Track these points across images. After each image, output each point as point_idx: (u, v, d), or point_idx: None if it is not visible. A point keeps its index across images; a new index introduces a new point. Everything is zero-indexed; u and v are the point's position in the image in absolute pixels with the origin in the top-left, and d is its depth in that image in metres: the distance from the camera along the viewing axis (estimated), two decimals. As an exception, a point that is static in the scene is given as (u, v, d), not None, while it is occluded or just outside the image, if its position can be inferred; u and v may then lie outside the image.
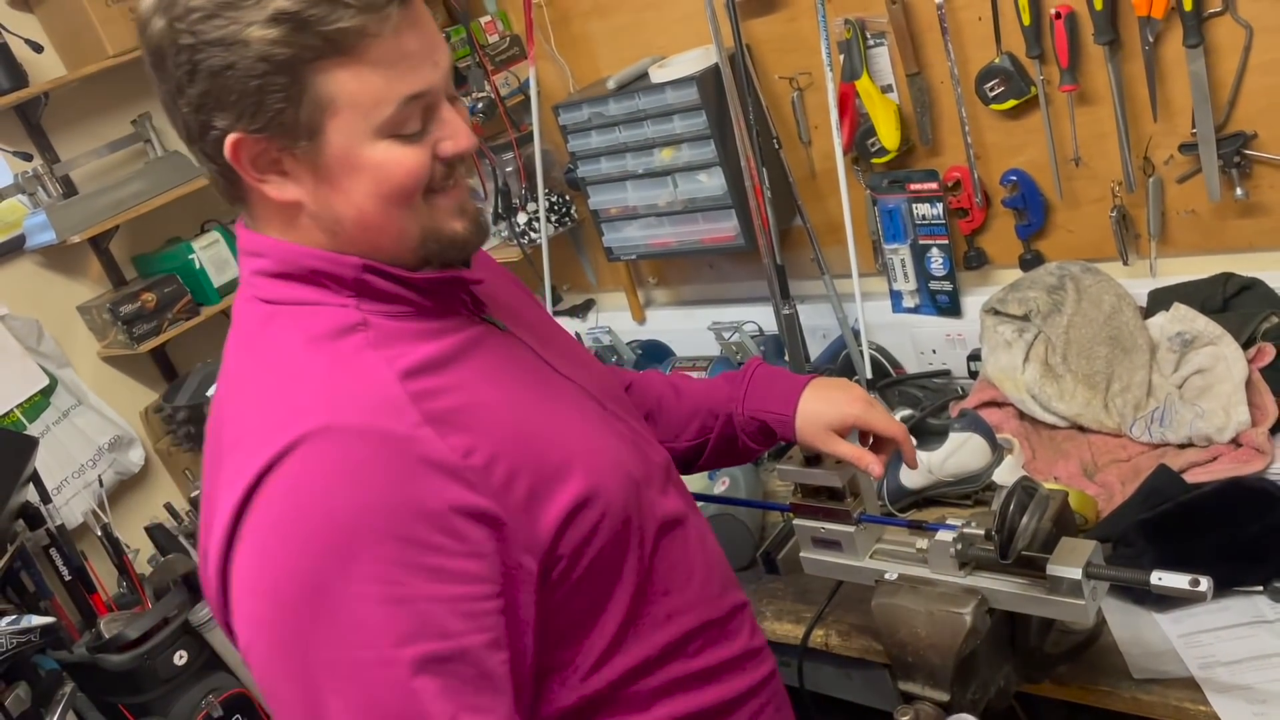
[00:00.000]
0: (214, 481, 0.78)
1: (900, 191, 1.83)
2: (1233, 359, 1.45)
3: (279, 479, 0.73)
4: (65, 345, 2.44)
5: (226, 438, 0.79)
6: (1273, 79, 1.44)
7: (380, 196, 0.81)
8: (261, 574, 0.73)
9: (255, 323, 0.84)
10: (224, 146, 0.77)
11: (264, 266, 0.84)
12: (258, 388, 0.79)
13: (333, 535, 0.72)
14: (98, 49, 2.32)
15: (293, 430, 0.73)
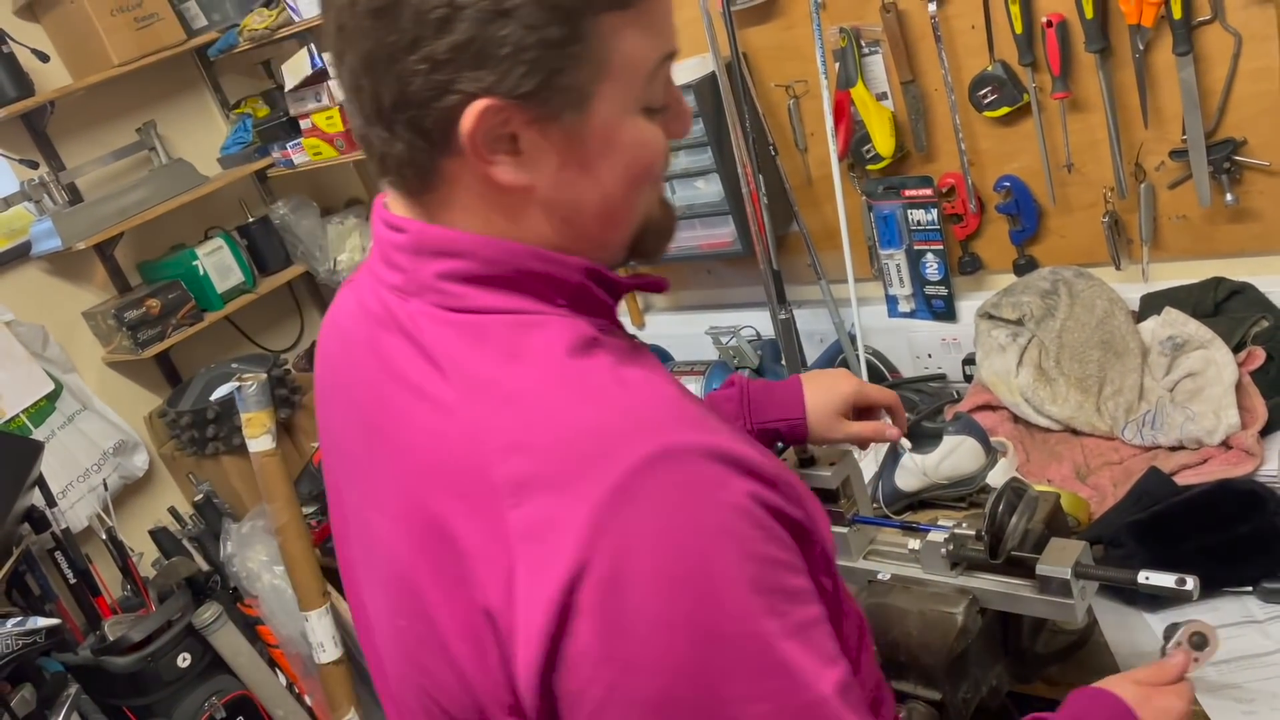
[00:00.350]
0: (512, 519, 0.61)
1: (895, 197, 1.84)
2: (1223, 363, 1.46)
3: (642, 499, 0.59)
4: (70, 351, 2.47)
5: (517, 467, 0.61)
6: (1261, 86, 1.46)
7: (630, 181, 0.70)
8: (658, 593, 0.59)
9: (466, 338, 0.67)
10: (463, 115, 0.63)
11: (462, 269, 0.68)
12: (548, 410, 0.63)
13: (716, 554, 0.60)
14: (103, 58, 2.35)
15: (630, 452, 0.60)
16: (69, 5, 2.33)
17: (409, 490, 0.67)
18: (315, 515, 2.36)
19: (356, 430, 0.75)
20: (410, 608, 0.68)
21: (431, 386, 0.66)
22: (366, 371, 0.73)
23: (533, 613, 0.59)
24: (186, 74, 2.72)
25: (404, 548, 0.67)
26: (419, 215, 0.71)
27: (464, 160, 0.65)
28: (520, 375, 0.65)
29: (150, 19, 2.42)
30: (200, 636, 2.20)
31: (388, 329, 0.71)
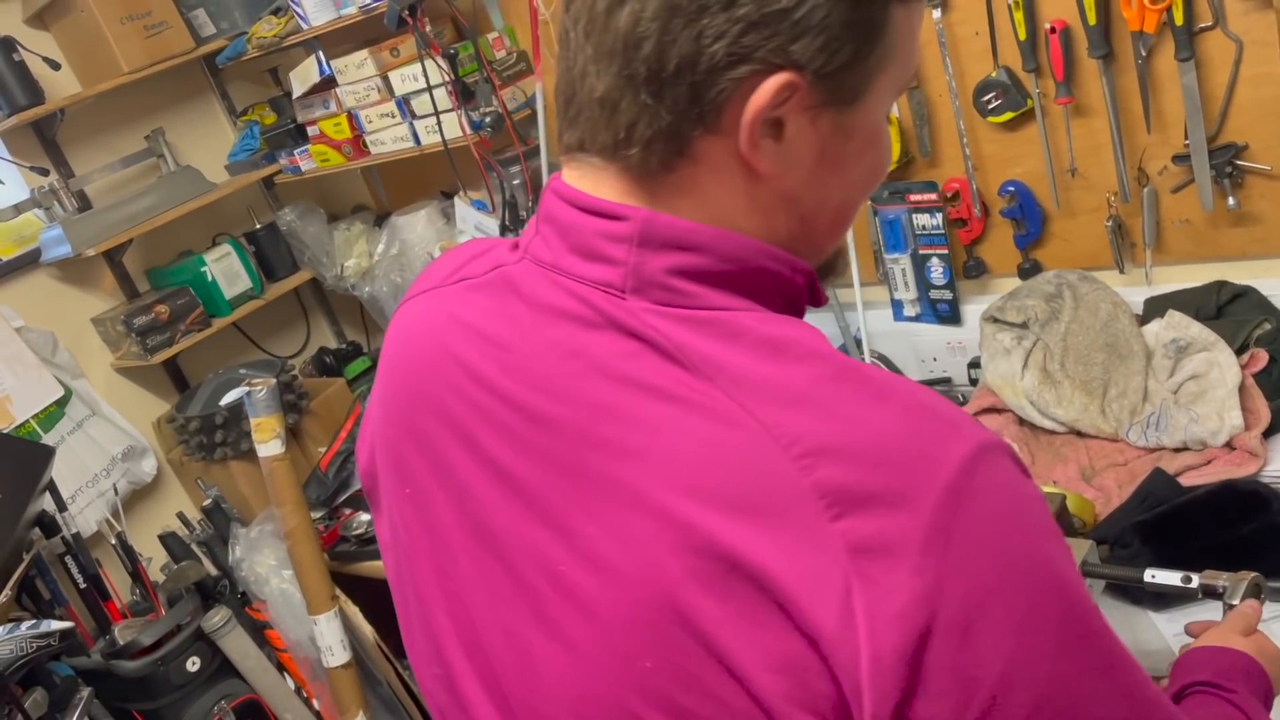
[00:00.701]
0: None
1: (900, 202, 1.86)
2: (1226, 365, 1.48)
3: (976, 502, 0.54)
4: (79, 357, 2.48)
5: (830, 475, 0.54)
6: (1263, 91, 1.47)
7: (867, 187, 0.66)
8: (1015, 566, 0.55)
9: (716, 337, 0.60)
10: (756, 88, 0.58)
11: (696, 264, 0.61)
12: (847, 411, 0.56)
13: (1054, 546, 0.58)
14: (113, 66, 2.37)
15: (949, 453, 0.55)
16: (79, 14, 2.34)
17: (673, 510, 0.57)
18: (324, 520, 2.37)
19: (538, 453, 0.64)
20: (669, 642, 0.58)
21: (687, 391, 0.58)
22: (564, 381, 0.63)
23: (883, 636, 0.53)
24: (195, 82, 2.74)
25: (662, 570, 0.57)
26: (640, 200, 0.63)
27: (724, 141, 0.60)
28: (798, 374, 0.58)
29: (159, 27, 2.44)
30: (209, 640, 2.21)
31: (600, 330, 0.62)
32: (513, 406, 0.65)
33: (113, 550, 2.32)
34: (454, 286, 0.73)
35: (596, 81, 0.61)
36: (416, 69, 2.22)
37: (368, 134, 2.42)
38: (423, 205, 2.54)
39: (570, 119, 0.64)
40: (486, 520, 0.67)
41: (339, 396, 2.61)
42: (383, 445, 0.76)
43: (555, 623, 0.63)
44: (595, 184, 0.64)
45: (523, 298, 0.66)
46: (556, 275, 0.64)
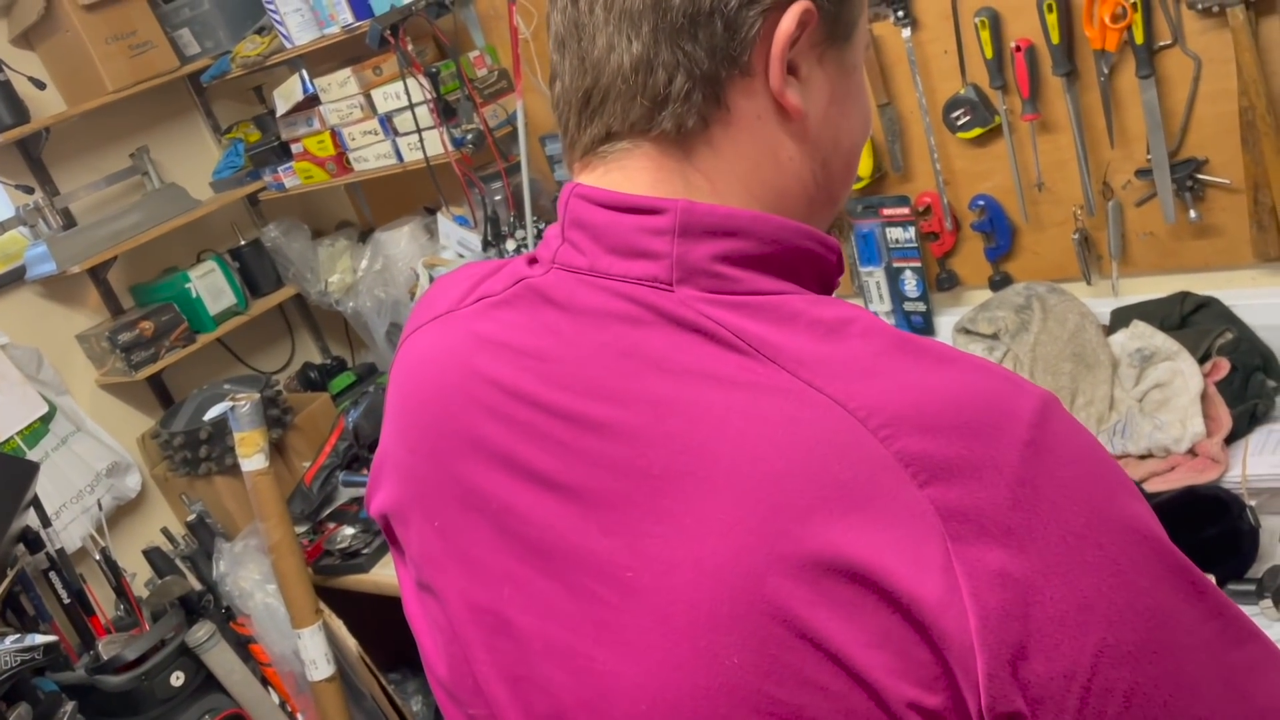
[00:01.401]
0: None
1: (874, 216, 1.90)
2: (1189, 373, 1.51)
3: (1052, 452, 0.55)
4: (64, 373, 2.49)
5: (911, 444, 0.54)
6: (1221, 107, 1.52)
7: (865, 128, 0.69)
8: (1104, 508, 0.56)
9: (770, 320, 0.60)
10: (780, 19, 0.61)
11: (740, 249, 0.62)
12: (915, 379, 0.57)
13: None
14: (98, 85, 2.40)
15: (1019, 410, 0.56)
16: (65, 34, 2.37)
17: (755, 497, 0.56)
18: (308, 534, 2.39)
19: (593, 459, 0.62)
20: (758, 634, 0.56)
21: (751, 375, 0.58)
22: (616, 381, 0.61)
23: (987, 594, 0.53)
24: (179, 100, 2.76)
25: (750, 567, 0.56)
26: (669, 182, 0.64)
27: (753, 85, 0.62)
28: (859, 349, 0.58)
29: (144, 47, 2.46)
30: (193, 655, 2.22)
31: (652, 325, 0.61)
32: (560, 416, 0.63)
33: (97, 566, 2.33)
34: (472, 307, 0.71)
35: (626, 51, 0.62)
36: (399, 87, 2.25)
37: (351, 151, 2.45)
38: (406, 221, 2.57)
39: (592, 112, 0.65)
40: (536, 539, 0.64)
41: (323, 411, 2.63)
42: (406, 480, 0.74)
43: (622, 633, 0.60)
44: (626, 177, 0.64)
45: (559, 306, 0.65)
46: (595, 278, 0.63)
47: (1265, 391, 1.51)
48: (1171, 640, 0.55)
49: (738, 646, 0.56)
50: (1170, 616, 0.55)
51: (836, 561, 0.54)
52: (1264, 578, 1.26)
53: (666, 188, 0.63)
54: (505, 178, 2.30)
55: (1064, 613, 0.53)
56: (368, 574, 2.20)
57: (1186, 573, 0.56)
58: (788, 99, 0.62)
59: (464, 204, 2.43)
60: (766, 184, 0.64)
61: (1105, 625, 0.53)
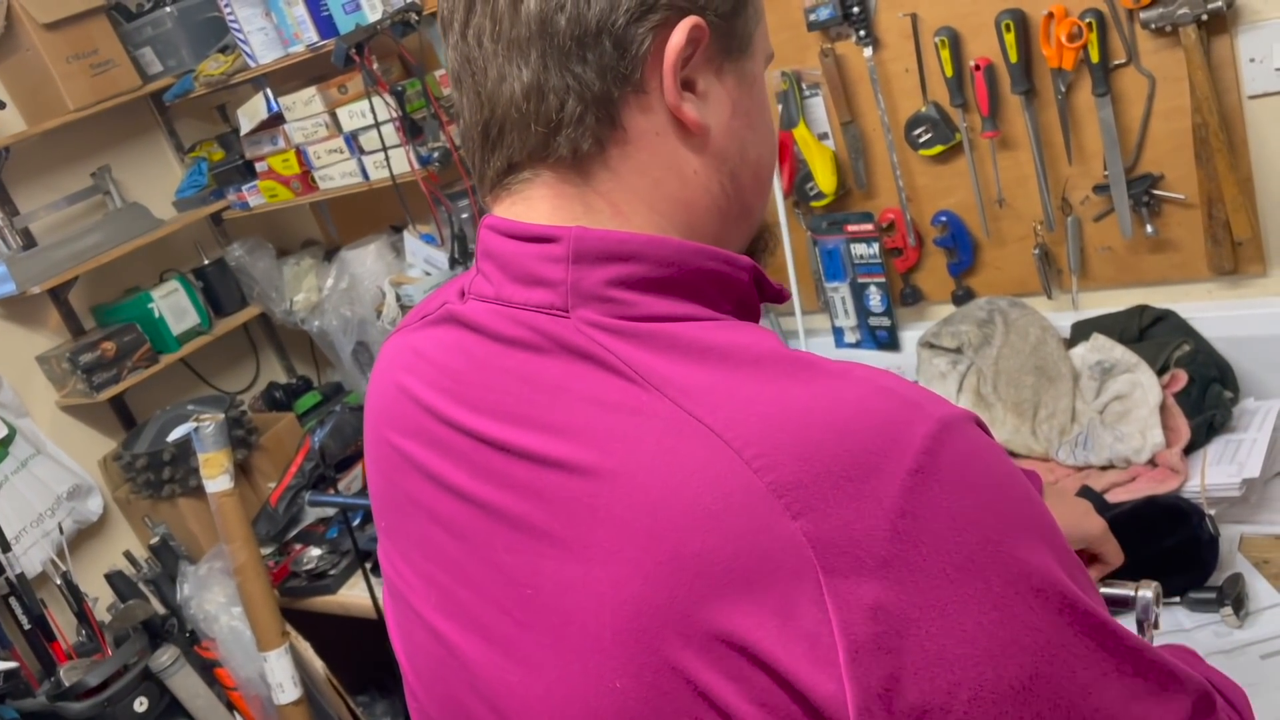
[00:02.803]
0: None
1: (839, 233, 1.92)
2: (1148, 385, 1.54)
3: (941, 477, 0.54)
4: (24, 395, 2.45)
5: (789, 474, 0.53)
6: (1175, 124, 1.55)
7: (772, 143, 0.69)
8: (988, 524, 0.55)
9: (659, 349, 0.60)
10: (670, 34, 0.61)
11: (634, 273, 0.62)
12: (800, 407, 0.55)
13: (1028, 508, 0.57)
14: (59, 104, 2.37)
15: (911, 433, 0.54)
16: (25, 53, 2.35)
17: (634, 528, 0.56)
18: (274, 555, 2.36)
19: (501, 480, 0.64)
20: (645, 661, 0.57)
21: (636, 403, 0.58)
22: (516, 406, 0.63)
23: (858, 627, 0.52)
24: (142, 119, 2.74)
25: (633, 593, 0.56)
26: (570, 208, 0.64)
27: (648, 101, 0.62)
28: (745, 377, 0.57)
29: (106, 65, 2.44)
30: (157, 680, 2.18)
31: (548, 354, 0.62)
32: (470, 435, 0.65)
33: (58, 590, 2.29)
34: (417, 324, 0.75)
35: (517, 79, 0.63)
36: (364, 105, 2.25)
37: (316, 169, 2.44)
38: (372, 239, 2.56)
39: (493, 142, 0.65)
40: (453, 548, 0.67)
41: (289, 431, 2.61)
42: (373, 495, 0.78)
43: (527, 650, 0.63)
44: (529, 207, 0.65)
45: (473, 331, 0.67)
46: (501, 306, 0.65)
47: (1222, 402, 1.54)
48: (1058, 681, 0.55)
49: (620, 673, 0.57)
50: (1059, 657, 0.55)
51: (712, 581, 0.54)
52: (1224, 586, 1.28)
53: (566, 214, 0.64)
54: (471, 196, 2.30)
55: (941, 648, 0.52)
56: (335, 595, 2.18)
57: (1084, 615, 0.56)
58: (685, 114, 0.63)
59: (430, 222, 2.43)
60: (673, 200, 0.65)
61: (984, 663, 0.53)
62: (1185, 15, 1.45)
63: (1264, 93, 1.49)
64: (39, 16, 2.31)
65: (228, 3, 2.30)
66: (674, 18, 0.61)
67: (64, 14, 2.35)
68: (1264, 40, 1.45)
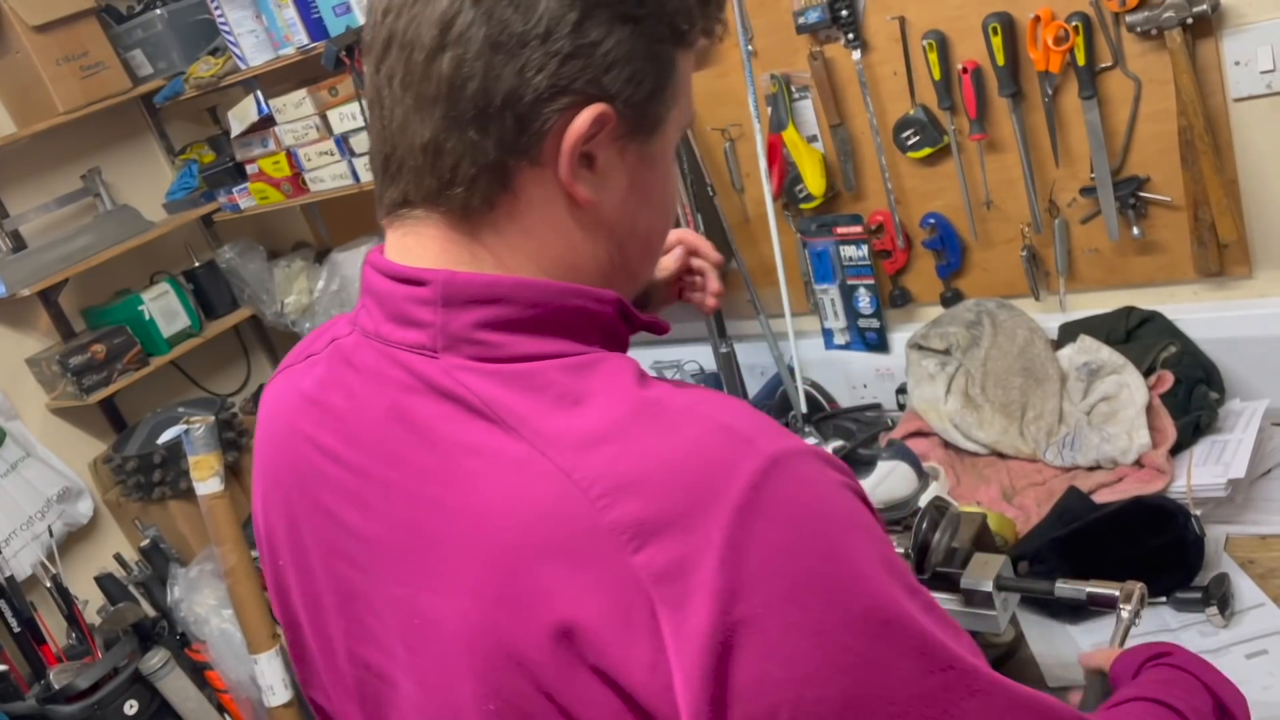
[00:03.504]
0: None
1: (828, 235, 1.92)
2: (1135, 386, 1.55)
3: (768, 512, 0.57)
4: (14, 398, 2.45)
5: (629, 510, 0.57)
6: (1161, 127, 1.56)
7: (667, 217, 0.73)
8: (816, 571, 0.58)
9: (521, 389, 0.63)
10: (573, 118, 0.62)
11: (500, 316, 0.65)
12: (642, 445, 0.60)
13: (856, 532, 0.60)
14: (48, 106, 2.37)
15: (741, 470, 0.58)
16: (15, 55, 2.34)
17: (492, 563, 0.60)
18: (264, 557, 2.36)
19: (375, 508, 0.68)
20: (506, 686, 0.61)
21: (498, 446, 0.61)
22: (393, 444, 0.66)
23: (691, 654, 0.56)
24: (132, 121, 2.74)
25: (495, 621, 0.61)
26: (456, 254, 0.66)
27: (543, 172, 0.64)
28: (596, 416, 0.61)
29: (96, 68, 2.44)
30: (147, 683, 2.19)
31: (418, 394, 0.65)
32: (354, 472, 0.69)
33: (48, 593, 2.29)
34: (303, 363, 0.77)
35: (420, 129, 0.64)
36: (354, 108, 2.25)
37: (307, 171, 2.44)
38: (363, 241, 2.56)
39: (391, 175, 0.67)
40: (349, 581, 0.71)
41: (280, 433, 2.60)
42: (261, 516, 0.81)
43: (420, 675, 0.68)
44: (417, 242, 0.68)
45: (355, 368, 0.70)
46: (379, 344, 0.68)
47: (1208, 403, 1.55)
48: (879, 696, 0.58)
49: (491, 696, 0.62)
50: (881, 674, 0.58)
51: (559, 630, 0.58)
52: (1209, 586, 1.28)
53: (450, 258, 0.66)
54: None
55: (763, 672, 0.56)
56: (326, 597, 2.18)
57: (909, 633, 0.58)
58: (577, 190, 0.65)
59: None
60: (557, 260, 0.67)
61: (804, 684, 0.56)
62: (1171, 19, 1.46)
63: (1249, 95, 1.49)
64: (29, 18, 2.31)
65: (218, 5, 2.30)
66: (582, 102, 0.62)
67: (54, 16, 2.35)
68: (1249, 43, 1.46)
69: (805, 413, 1.98)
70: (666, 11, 0.64)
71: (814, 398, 2.02)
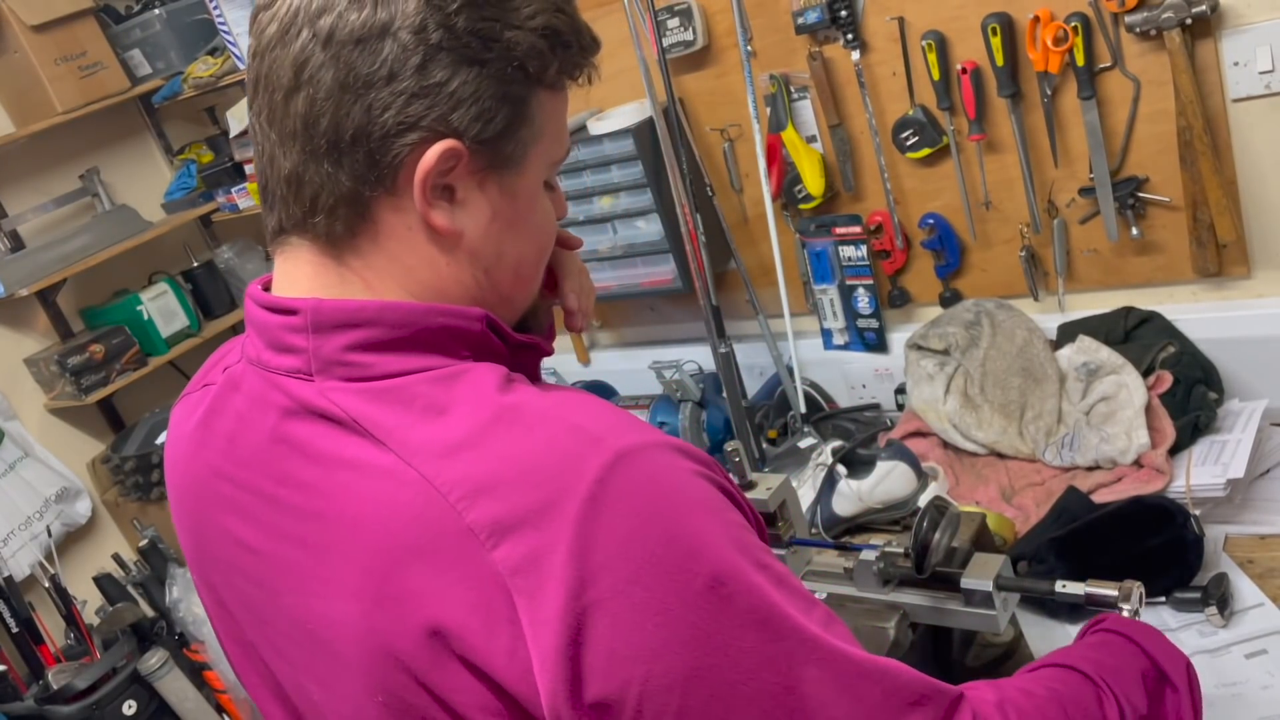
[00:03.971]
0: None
1: (826, 235, 1.92)
2: (1134, 386, 1.55)
3: (616, 500, 0.62)
4: (12, 398, 2.45)
5: (485, 511, 0.62)
6: (1160, 127, 1.56)
7: (539, 247, 0.76)
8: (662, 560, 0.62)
9: (389, 404, 0.67)
10: (423, 154, 0.66)
11: (368, 338, 0.69)
12: (498, 448, 0.64)
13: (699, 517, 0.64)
14: (47, 107, 2.37)
15: (590, 464, 0.63)
16: (13, 55, 2.34)
17: (374, 566, 0.65)
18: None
19: (271, 526, 0.72)
20: (390, 681, 0.66)
21: (369, 458, 0.66)
22: (280, 465, 0.71)
23: (545, 639, 0.60)
24: (130, 121, 2.74)
25: (375, 623, 0.66)
26: (327, 281, 0.71)
27: (401, 203, 0.68)
28: (457, 424, 0.65)
29: (94, 68, 2.44)
30: (146, 683, 2.18)
31: (298, 416, 0.70)
32: (246, 492, 0.74)
33: (46, 593, 2.28)
34: (199, 391, 0.82)
35: (284, 162, 0.69)
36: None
37: (306, 172, 2.43)
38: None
39: (269, 205, 0.72)
40: (251, 597, 0.76)
41: (279, 434, 2.60)
42: (179, 533, 0.85)
43: (321, 676, 0.73)
44: (294, 266, 0.73)
45: (242, 393, 0.75)
46: (262, 370, 0.73)
47: (1207, 403, 1.55)
48: (721, 666, 0.62)
49: (378, 690, 0.67)
50: (722, 647, 0.62)
51: (428, 628, 0.63)
52: (1208, 586, 1.28)
53: (321, 283, 0.71)
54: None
55: (612, 650, 0.61)
56: (325, 597, 2.18)
57: (751, 606, 0.63)
58: (433, 220, 0.69)
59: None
60: (424, 285, 0.71)
61: (650, 660, 0.61)
62: (1170, 19, 1.46)
63: (1248, 96, 1.50)
64: (27, 18, 2.31)
65: (216, 5, 2.30)
66: (431, 139, 0.66)
67: (52, 16, 2.35)
68: (1248, 44, 1.46)
69: (804, 413, 1.98)
70: (515, 55, 0.68)
71: (813, 398, 2.02)
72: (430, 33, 0.65)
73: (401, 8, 0.65)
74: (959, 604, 1.15)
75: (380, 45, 0.65)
